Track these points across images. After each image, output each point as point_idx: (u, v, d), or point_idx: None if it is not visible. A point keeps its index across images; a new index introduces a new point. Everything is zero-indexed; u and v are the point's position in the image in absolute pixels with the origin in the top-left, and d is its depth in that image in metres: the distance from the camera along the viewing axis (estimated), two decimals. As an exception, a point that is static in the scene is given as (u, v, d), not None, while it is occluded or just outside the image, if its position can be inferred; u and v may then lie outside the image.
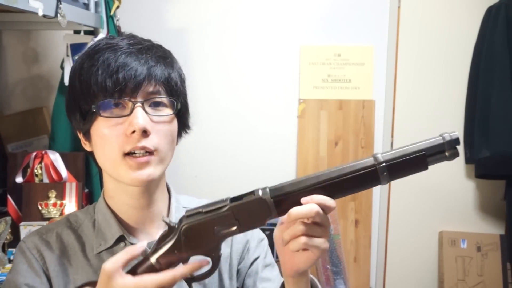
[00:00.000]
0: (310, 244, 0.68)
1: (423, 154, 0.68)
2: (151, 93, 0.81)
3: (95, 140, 0.83)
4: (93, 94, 0.80)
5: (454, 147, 0.68)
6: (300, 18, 2.35)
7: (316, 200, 0.68)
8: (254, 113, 2.37)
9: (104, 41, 0.85)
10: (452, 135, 0.68)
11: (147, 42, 0.87)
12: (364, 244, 2.38)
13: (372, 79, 2.36)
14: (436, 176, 2.40)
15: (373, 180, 0.69)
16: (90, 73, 0.80)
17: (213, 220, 0.70)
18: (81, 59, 0.84)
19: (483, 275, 2.35)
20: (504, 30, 2.17)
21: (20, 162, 1.81)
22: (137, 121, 0.78)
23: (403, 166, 0.69)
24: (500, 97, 2.15)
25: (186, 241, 0.71)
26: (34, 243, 0.87)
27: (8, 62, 2.28)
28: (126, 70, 0.79)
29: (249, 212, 0.70)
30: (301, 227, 0.68)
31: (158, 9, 2.32)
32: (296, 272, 0.73)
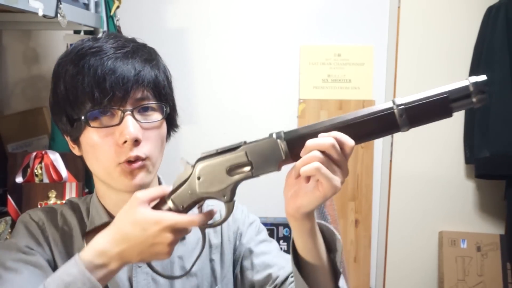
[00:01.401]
0: (323, 171, 0.65)
1: (446, 97, 0.63)
2: (139, 100, 0.81)
3: (86, 148, 0.83)
4: (80, 103, 0.79)
5: (481, 91, 0.63)
6: (300, 18, 2.35)
7: (334, 135, 0.66)
8: (254, 113, 2.37)
9: (87, 44, 0.82)
10: (479, 78, 0.63)
11: (131, 43, 0.85)
12: (364, 244, 2.38)
13: (372, 79, 2.37)
14: (436, 176, 2.40)
15: (391, 123, 0.65)
16: (76, 81, 0.79)
17: (226, 160, 0.70)
18: (65, 63, 0.82)
19: (483, 275, 2.35)
20: (504, 30, 2.17)
21: (20, 162, 1.81)
22: (128, 130, 0.77)
23: (423, 109, 0.64)
24: (500, 97, 2.15)
25: (200, 181, 0.71)
26: (39, 216, 0.88)
27: (8, 62, 2.28)
28: (113, 78, 0.77)
29: (262, 154, 0.69)
30: (317, 153, 0.65)
31: (158, 9, 2.32)
32: (299, 210, 0.71)
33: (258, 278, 0.92)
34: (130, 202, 0.72)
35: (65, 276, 0.70)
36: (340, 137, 0.66)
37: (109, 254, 0.71)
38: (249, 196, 2.27)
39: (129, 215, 0.71)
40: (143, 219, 0.70)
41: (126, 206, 0.72)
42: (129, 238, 0.70)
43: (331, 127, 0.67)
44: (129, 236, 0.70)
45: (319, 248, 0.77)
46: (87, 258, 0.71)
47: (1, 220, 1.64)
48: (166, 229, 0.69)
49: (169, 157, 0.86)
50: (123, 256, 0.71)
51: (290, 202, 0.71)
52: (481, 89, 0.63)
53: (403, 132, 0.66)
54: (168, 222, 0.69)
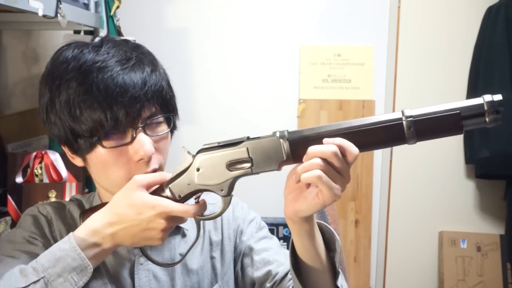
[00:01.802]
0: (323, 180, 0.64)
1: (458, 113, 0.61)
2: (150, 116, 0.80)
3: (95, 165, 0.81)
4: (90, 123, 0.77)
5: (496, 111, 0.60)
6: (300, 18, 2.35)
7: (338, 142, 0.65)
8: (254, 113, 2.37)
9: (89, 56, 0.78)
10: (494, 97, 0.60)
11: (134, 52, 0.82)
12: (364, 244, 2.38)
13: (372, 79, 2.37)
14: (436, 176, 2.40)
15: (398, 135, 0.63)
16: (85, 100, 0.76)
17: (227, 154, 0.70)
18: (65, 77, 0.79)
19: (483, 275, 2.35)
20: (504, 30, 2.17)
21: (20, 162, 1.81)
22: (144, 149, 0.77)
23: (433, 124, 0.62)
24: (500, 97, 2.15)
25: (199, 173, 0.71)
26: (47, 210, 0.88)
27: (8, 62, 2.28)
28: (126, 99, 0.76)
29: (263, 152, 0.68)
30: (318, 160, 0.64)
31: (158, 9, 2.32)
32: (297, 214, 0.70)
33: (258, 275, 0.92)
34: (129, 185, 0.72)
35: (56, 251, 0.71)
36: (344, 144, 0.65)
37: (102, 233, 0.71)
38: (249, 195, 2.27)
39: (126, 197, 0.71)
40: (139, 203, 0.70)
41: (124, 188, 0.73)
42: (124, 220, 0.70)
43: (336, 133, 0.66)
44: (124, 218, 0.70)
45: (318, 249, 0.76)
46: (80, 236, 0.71)
47: (1, 220, 1.64)
48: (161, 215, 0.70)
49: (169, 157, 0.86)
50: (115, 237, 0.71)
51: (289, 205, 0.71)
52: (496, 108, 0.60)
53: (409, 144, 0.64)
54: (163, 209, 0.70)
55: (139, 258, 0.86)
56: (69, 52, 0.81)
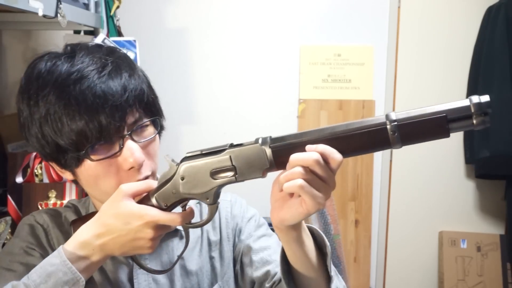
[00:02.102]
0: (306, 190, 0.63)
1: (443, 116, 0.59)
2: (135, 121, 0.78)
3: (85, 178, 0.79)
4: (75, 136, 0.74)
5: (483, 113, 0.57)
6: (300, 18, 2.35)
7: (320, 150, 0.63)
8: (254, 113, 2.37)
9: (63, 68, 0.76)
10: (481, 98, 0.58)
11: (109, 57, 0.79)
12: (364, 244, 2.38)
13: (372, 79, 2.37)
14: (436, 176, 2.40)
15: (382, 140, 0.61)
16: (65, 115, 0.74)
17: (210, 162, 0.69)
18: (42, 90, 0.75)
19: (483, 275, 2.35)
20: (504, 30, 2.17)
21: (20, 162, 1.81)
22: (134, 157, 0.75)
23: (418, 128, 0.60)
24: (500, 97, 2.15)
25: (183, 182, 0.71)
26: (43, 219, 0.87)
27: (8, 62, 2.28)
28: (107, 109, 0.73)
29: (246, 160, 0.67)
30: (300, 169, 0.63)
31: (158, 9, 2.32)
32: (282, 222, 0.69)
33: (257, 274, 0.91)
34: (115, 195, 0.72)
35: (47, 266, 0.71)
36: (326, 151, 0.64)
37: (91, 245, 0.71)
38: (249, 195, 2.27)
39: (113, 207, 0.71)
40: (126, 213, 0.70)
41: (111, 198, 0.72)
42: (112, 231, 0.70)
43: (319, 139, 0.64)
44: (112, 229, 0.70)
45: (308, 254, 0.75)
46: (69, 249, 0.71)
47: (1, 220, 1.64)
48: (148, 225, 0.70)
49: None
50: (104, 249, 0.71)
51: (274, 214, 0.70)
52: (484, 110, 0.58)
53: (394, 149, 0.63)
54: (150, 218, 0.70)
55: None
56: (42, 66, 0.78)
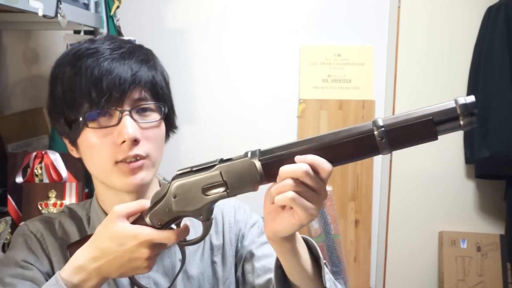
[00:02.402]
0: (297, 202, 0.63)
1: (430, 119, 0.59)
2: (137, 100, 0.80)
3: (83, 149, 0.82)
4: (78, 104, 0.79)
5: (470, 113, 0.57)
6: (300, 18, 2.35)
7: (309, 160, 0.64)
8: (254, 113, 2.37)
9: (84, 45, 0.82)
10: (467, 99, 0.58)
11: (128, 44, 0.85)
12: (364, 244, 2.38)
13: (372, 79, 2.37)
14: (436, 176, 2.40)
15: (371, 147, 0.61)
16: (73, 82, 0.79)
17: (201, 179, 0.69)
18: (62, 65, 0.82)
19: (483, 275, 2.35)
20: (504, 30, 2.17)
21: (20, 162, 1.81)
22: (126, 131, 0.77)
23: (405, 133, 0.60)
24: (500, 97, 2.15)
25: (176, 200, 0.70)
26: (37, 227, 0.87)
27: (8, 62, 2.28)
28: (110, 78, 0.77)
29: (237, 174, 0.67)
30: (290, 181, 0.63)
31: (158, 9, 2.32)
32: (276, 234, 0.70)
33: (259, 282, 0.91)
34: (109, 217, 0.72)
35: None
36: (315, 161, 0.64)
37: (87, 270, 0.71)
38: (249, 196, 2.27)
39: (107, 229, 0.71)
40: (120, 234, 0.70)
41: (105, 220, 0.72)
42: (107, 253, 0.70)
43: (307, 150, 0.64)
44: (107, 251, 0.70)
45: (304, 265, 0.75)
46: (66, 276, 0.71)
47: (1, 220, 1.64)
48: (143, 244, 0.69)
49: (169, 157, 0.86)
50: (101, 272, 0.71)
51: (267, 226, 0.70)
52: (470, 111, 0.58)
53: (383, 155, 0.63)
54: (145, 237, 0.69)
55: None
56: (71, 46, 0.85)
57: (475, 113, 0.58)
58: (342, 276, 2.20)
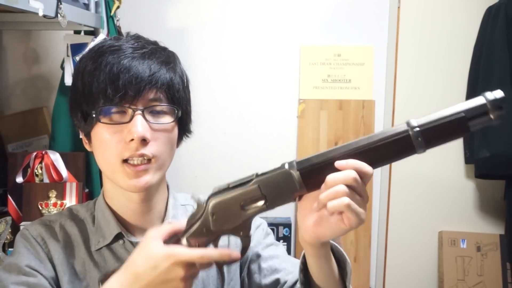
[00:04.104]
0: (352, 208, 0.63)
1: (462, 116, 0.61)
2: (152, 100, 0.81)
3: (94, 143, 0.83)
4: (94, 98, 0.80)
5: (499, 107, 0.60)
6: (300, 18, 2.35)
7: (352, 165, 0.64)
8: (254, 113, 2.37)
9: (108, 42, 0.84)
10: (495, 94, 0.60)
11: (151, 45, 0.86)
12: (364, 244, 2.38)
13: (372, 79, 2.37)
14: (436, 176, 2.40)
15: (407, 147, 0.63)
16: (92, 76, 0.80)
17: (240, 195, 0.68)
18: (85, 60, 0.84)
19: (483, 275, 2.35)
20: (504, 30, 2.17)
21: (21, 162, 1.81)
22: (136, 129, 0.78)
23: (439, 131, 0.62)
24: (500, 97, 2.15)
25: (214, 218, 0.69)
26: (38, 231, 0.86)
27: (8, 62, 2.28)
28: (127, 76, 0.78)
29: (275, 186, 0.67)
30: (344, 188, 0.63)
31: (158, 9, 2.32)
32: (318, 239, 0.69)
33: (265, 282, 0.91)
34: (143, 241, 0.71)
35: None
36: (359, 166, 0.64)
37: None
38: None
39: (141, 253, 0.70)
40: (153, 255, 0.68)
41: (138, 246, 0.71)
42: (141, 278, 0.68)
43: (346, 154, 0.64)
44: (141, 275, 0.68)
45: (333, 270, 0.76)
46: None
47: (1, 220, 1.64)
48: (178, 264, 0.67)
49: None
50: None
51: (309, 231, 0.69)
52: (499, 105, 0.60)
53: (419, 154, 0.64)
54: (178, 257, 0.67)
55: None
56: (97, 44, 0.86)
57: (503, 106, 0.60)
58: (342, 276, 2.20)
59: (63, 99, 1.88)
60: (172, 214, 0.92)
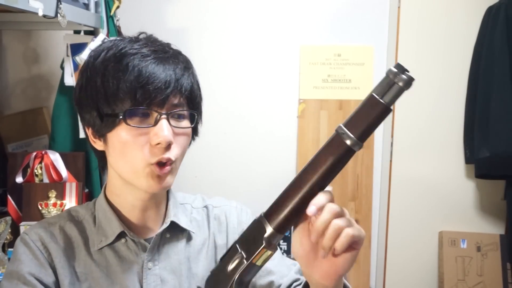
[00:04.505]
0: (354, 233, 0.63)
1: (372, 95, 0.62)
2: (175, 105, 0.82)
3: (114, 144, 0.82)
4: (119, 100, 0.79)
5: (401, 72, 0.61)
6: (300, 18, 2.35)
7: (320, 204, 0.64)
8: (254, 113, 2.37)
9: (127, 45, 0.84)
10: (393, 66, 0.62)
11: (170, 49, 0.87)
12: (364, 244, 2.36)
13: (372, 79, 2.36)
14: (436, 176, 2.40)
15: (339, 145, 0.62)
16: (117, 78, 0.79)
17: (224, 261, 0.70)
18: (103, 58, 0.82)
19: (483, 275, 2.35)
20: (504, 30, 2.17)
21: (20, 162, 1.81)
22: (163, 133, 0.78)
23: (359, 118, 0.62)
24: (500, 97, 2.15)
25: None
26: (38, 235, 0.86)
27: (8, 62, 2.28)
28: (156, 81, 0.79)
29: (248, 238, 0.68)
30: (338, 221, 0.63)
31: (158, 9, 2.32)
32: (342, 275, 0.68)
33: (260, 283, 0.92)
34: None
35: None
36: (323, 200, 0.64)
37: None
38: (250, 196, 2.27)
39: None
40: None
41: None
42: None
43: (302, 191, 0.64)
44: None
45: None
46: None
47: (1, 220, 1.64)
48: None
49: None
50: None
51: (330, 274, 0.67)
52: (400, 71, 0.61)
53: (358, 150, 0.63)
54: None
55: (147, 262, 0.87)
56: (109, 43, 0.86)
57: (406, 70, 0.61)
58: (342, 276, 2.20)
59: (63, 99, 1.88)
60: (173, 213, 0.92)
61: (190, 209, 0.98)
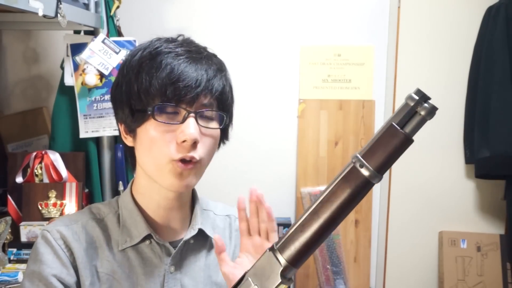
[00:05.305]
0: None
1: (391, 125, 0.58)
2: (204, 105, 0.83)
3: (141, 140, 0.83)
4: (150, 96, 0.80)
5: (423, 101, 0.57)
6: (300, 18, 2.35)
7: None
8: (254, 113, 2.37)
9: (163, 44, 0.86)
10: (413, 92, 0.58)
11: (205, 51, 0.89)
12: (364, 244, 2.38)
13: (372, 79, 2.36)
14: (436, 176, 2.40)
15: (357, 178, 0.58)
16: (150, 74, 0.81)
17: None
18: (140, 56, 0.84)
19: (483, 275, 2.35)
20: (504, 30, 2.17)
21: (20, 162, 1.81)
22: (189, 131, 0.79)
23: (378, 149, 0.58)
24: (500, 97, 2.15)
25: None
26: (60, 233, 0.85)
27: (8, 62, 2.28)
28: (188, 79, 0.80)
29: (262, 271, 0.63)
30: None
31: (158, 9, 2.32)
32: None
33: None
34: None
35: None
36: None
37: None
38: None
39: None
40: None
41: None
42: None
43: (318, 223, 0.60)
44: None
45: None
46: None
47: (1, 220, 1.64)
48: None
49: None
50: None
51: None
52: (421, 100, 0.57)
53: (377, 183, 0.59)
54: None
55: (170, 267, 0.87)
56: (147, 42, 0.89)
57: (428, 97, 0.57)
58: (342, 276, 2.21)
59: (63, 99, 1.88)
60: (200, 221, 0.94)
61: (213, 216, 0.99)
